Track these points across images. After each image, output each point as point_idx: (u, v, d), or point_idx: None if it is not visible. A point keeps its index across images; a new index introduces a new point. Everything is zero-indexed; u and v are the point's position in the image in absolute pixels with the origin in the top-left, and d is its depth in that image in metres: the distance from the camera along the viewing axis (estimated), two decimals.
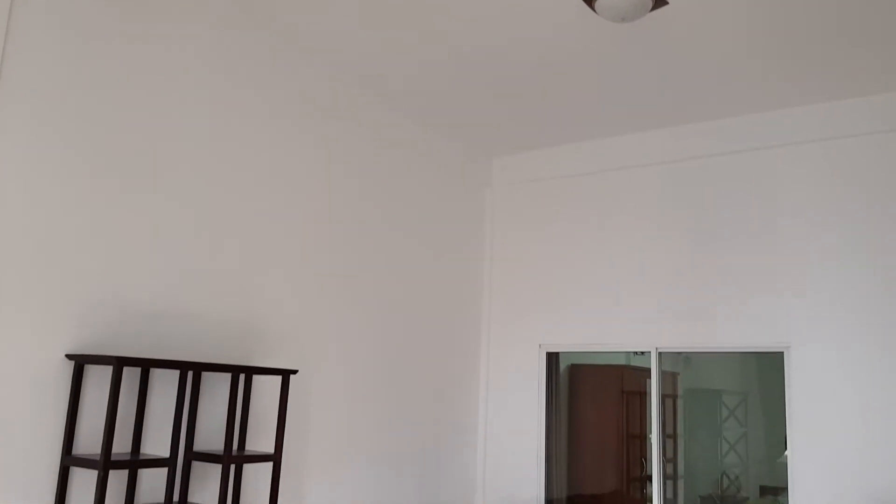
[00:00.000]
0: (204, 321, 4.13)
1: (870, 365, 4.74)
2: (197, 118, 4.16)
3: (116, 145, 3.76)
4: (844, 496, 4.69)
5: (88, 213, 3.62)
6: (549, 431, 6.03)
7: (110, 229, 3.71)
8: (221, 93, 4.31)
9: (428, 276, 5.78)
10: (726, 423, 6.63)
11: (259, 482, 4.34)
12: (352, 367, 5.05)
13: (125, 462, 3.39)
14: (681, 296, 5.48)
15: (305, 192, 4.81)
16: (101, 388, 3.61)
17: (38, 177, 3.44)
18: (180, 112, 4.08)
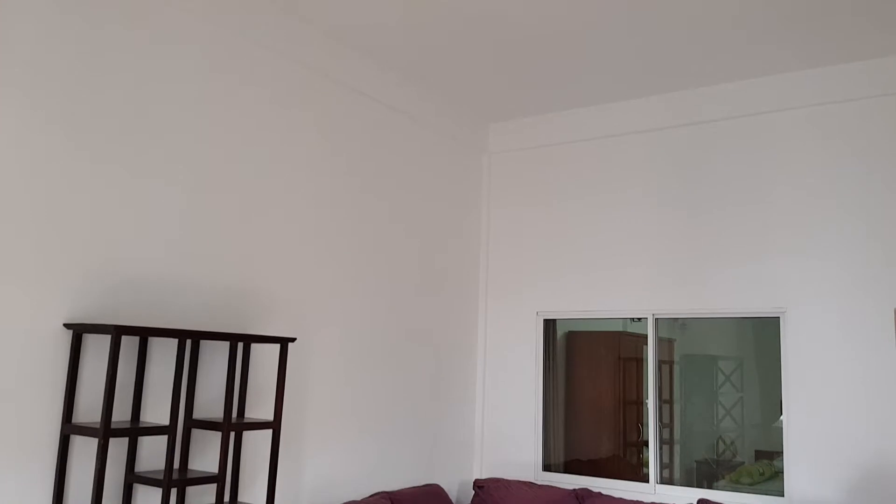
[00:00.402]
0: (202, 290, 4.13)
1: (865, 330, 4.76)
2: (193, 86, 4.12)
3: (111, 114, 3.73)
4: (839, 460, 4.74)
5: (85, 182, 3.60)
6: (546, 398, 6.08)
7: (107, 198, 3.69)
8: (217, 59, 4.26)
9: (425, 244, 5.78)
10: (722, 389, 6.67)
11: (258, 450, 4.38)
12: (350, 335, 5.06)
13: (125, 430, 3.41)
14: (677, 262, 5.49)
15: (302, 159, 4.79)
16: (99, 356, 3.61)
17: (34, 148, 3.42)
18: (175, 79, 4.03)
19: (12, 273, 3.32)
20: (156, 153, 3.94)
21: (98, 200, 3.66)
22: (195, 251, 4.11)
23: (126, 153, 3.79)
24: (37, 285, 3.41)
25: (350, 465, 4.99)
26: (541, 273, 6.08)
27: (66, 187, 3.54)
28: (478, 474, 6.08)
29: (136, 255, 3.81)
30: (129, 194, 3.79)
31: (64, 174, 3.53)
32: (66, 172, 3.54)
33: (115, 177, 3.74)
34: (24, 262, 3.37)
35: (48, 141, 3.48)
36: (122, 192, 3.76)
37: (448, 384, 5.92)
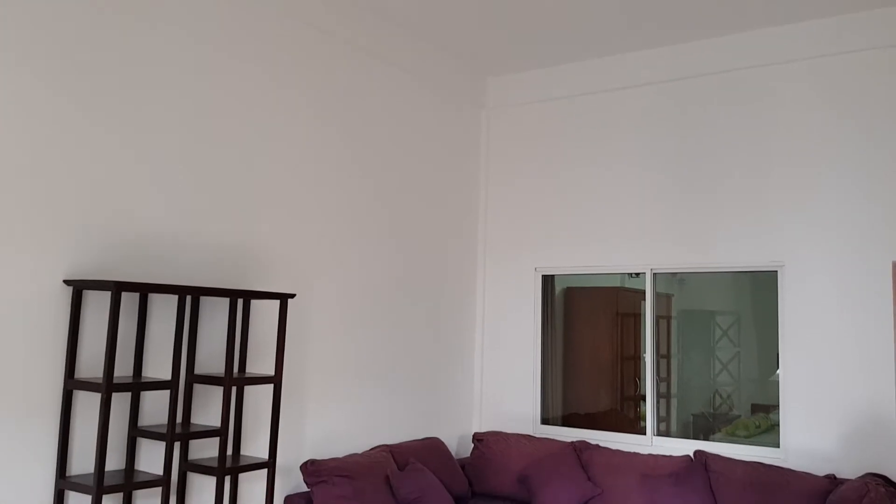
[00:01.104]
0: (202, 246, 4.12)
1: (862, 284, 4.78)
2: (191, 42, 4.07)
3: (109, 70, 3.68)
4: (834, 412, 4.80)
5: (84, 139, 3.58)
6: (544, 353, 6.12)
7: (106, 154, 3.67)
8: (211, 16, 4.20)
9: (424, 200, 5.77)
10: (719, 344, 6.72)
11: (260, 405, 4.42)
12: (349, 292, 5.08)
13: (127, 384, 3.44)
14: (676, 217, 5.49)
15: (300, 116, 4.75)
16: (100, 313, 3.63)
17: (32, 104, 3.38)
18: (173, 36, 3.98)
19: (11, 230, 3.32)
20: (155, 109, 3.90)
21: (97, 157, 3.64)
22: (195, 208, 4.10)
23: (125, 109, 3.76)
24: (36, 242, 3.41)
25: (351, 420, 5.05)
26: (539, 229, 6.08)
27: (65, 143, 3.51)
28: (477, 428, 6.15)
29: (135, 211, 3.80)
30: (128, 151, 3.77)
31: (62, 131, 3.50)
32: (64, 129, 3.51)
33: (113, 133, 3.71)
34: (23, 219, 3.36)
35: (46, 97, 3.44)
36: (121, 148, 3.74)
37: (447, 340, 5.96)
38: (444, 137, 6.03)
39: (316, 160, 4.87)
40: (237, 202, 4.34)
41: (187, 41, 4.08)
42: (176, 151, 4.02)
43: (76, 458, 3.53)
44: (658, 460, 5.03)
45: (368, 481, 4.49)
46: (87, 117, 3.61)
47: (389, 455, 4.85)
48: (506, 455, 5.41)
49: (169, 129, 3.98)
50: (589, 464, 5.18)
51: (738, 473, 4.63)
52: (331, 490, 4.33)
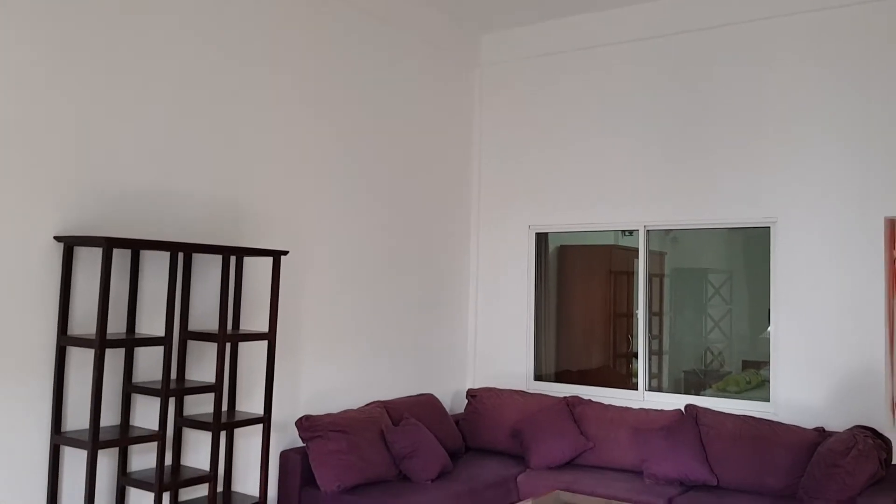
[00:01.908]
0: (195, 203, 4.10)
1: (854, 240, 4.79)
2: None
3: (100, 24, 3.62)
4: (824, 367, 4.84)
5: (74, 92, 3.53)
6: (538, 310, 6.14)
7: (97, 109, 3.62)
8: None
9: (418, 159, 5.73)
10: (711, 301, 6.76)
11: (254, 362, 4.43)
12: (343, 249, 5.07)
13: (120, 340, 3.44)
14: (669, 173, 5.47)
15: (293, 73, 4.69)
16: (92, 269, 3.62)
17: (21, 61, 3.33)
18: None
19: (0, 186, 3.29)
20: (147, 65, 3.84)
21: (88, 111, 3.59)
22: (187, 164, 4.06)
23: (116, 64, 3.70)
24: (26, 198, 3.38)
25: (345, 377, 5.07)
26: (533, 187, 6.06)
27: (55, 98, 3.46)
28: (471, 385, 6.20)
29: (126, 167, 3.77)
30: (119, 106, 3.72)
31: (52, 85, 3.45)
32: (54, 83, 3.46)
33: (104, 88, 3.66)
34: (12, 174, 3.33)
35: (34, 53, 3.39)
36: (112, 103, 3.69)
37: (441, 297, 5.97)
38: (438, 95, 5.97)
39: (309, 118, 4.82)
40: (229, 159, 4.30)
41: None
42: (168, 107, 3.97)
43: (71, 415, 3.54)
44: (649, 414, 5.08)
45: (363, 436, 4.53)
46: (77, 71, 3.55)
47: (384, 411, 4.89)
48: (499, 410, 5.46)
49: (162, 84, 3.93)
50: (581, 418, 5.24)
51: (729, 427, 4.68)
52: (326, 444, 4.36)
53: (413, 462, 4.57)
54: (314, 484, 4.42)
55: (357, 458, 4.40)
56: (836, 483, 3.97)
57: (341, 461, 4.34)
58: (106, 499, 3.69)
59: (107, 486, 3.69)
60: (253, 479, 4.37)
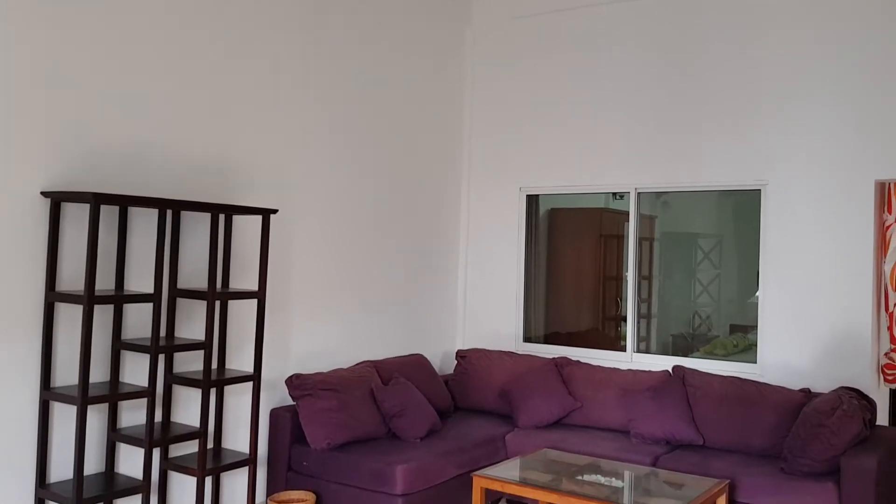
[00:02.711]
0: (183, 161, 4.05)
1: (844, 202, 4.80)
2: None
3: None
4: (811, 330, 4.88)
5: (61, 47, 3.46)
6: (528, 272, 6.15)
7: (84, 63, 3.56)
8: None
9: (408, 119, 5.68)
10: (700, 266, 6.79)
11: (244, 321, 4.42)
12: (333, 209, 5.04)
13: (109, 297, 3.42)
14: (661, 136, 5.45)
15: (282, 31, 4.61)
16: (79, 225, 3.58)
17: (3, 14, 3.26)
18: None
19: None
20: (133, 19, 3.77)
21: (75, 65, 3.53)
22: (175, 121, 4.01)
23: (103, 18, 3.62)
24: (11, 152, 3.34)
25: (335, 336, 5.08)
26: (524, 149, 6.03)
27: (42, 53, 3.40)
28: (460, 346, 6.22)
29: (114, 123, 3.72)
30: (107, 60, 3.66)
31: (39, 39, 3.38)
32: (41, 38, 3.39)
33: (92, 41, 3.59)
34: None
35: (19, 9, 3.31)
36: (100, 57, 3.62)
37: (432, 258, 5.96)
38: (429, 54, 5.90)
39: (298, 76, 4.75)
40: (218, 116, 4.25)
41: None
42: (156, 62, 3.90)
43: (60, 371, 3.53)
44: (637, 375, 5.12)
45: (353, 395, 4.55)
46: (63, 26, 3.48)
47: (374, 370, 4.91)
48: (488, 371, 5.49)
49: (149, 39, 3.86)
50: (570, 379, 5.27)
51: (715, 387, 4.73)
52: (316, 403, 4.38)
53: (402, 420, 4.60)
54: (304, 441, 4.45)
55: (347, 416, 4.43)
56: (821, 442, 4.02)
57: (331, 419, 4.36)
58: (96, 455, 3.70)
59: (97, 443, 3.70)
60: (243, 436, 4.39)
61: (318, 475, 4.35)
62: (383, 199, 5.47)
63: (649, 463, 4.40)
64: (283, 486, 4.45)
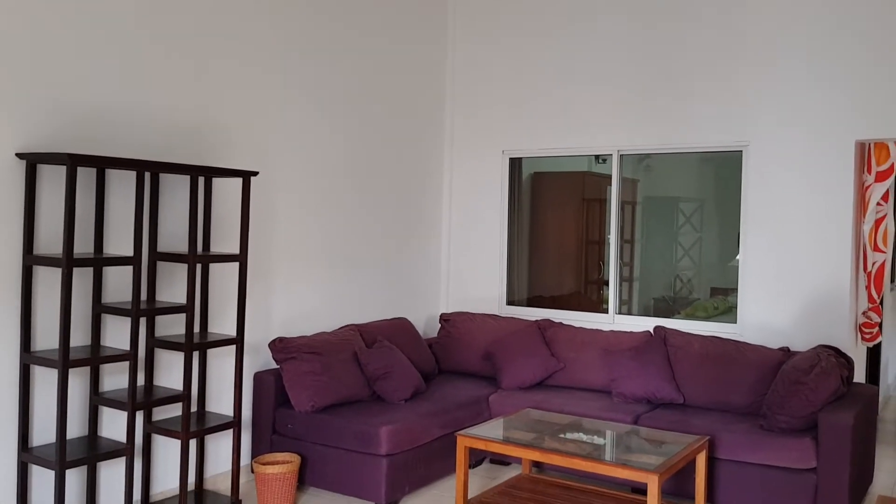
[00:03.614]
0: (161, 122, 3.99)
1: (825, 163, 4.82)
2: None
3: None
4: (791, 290, 4.93)
5: (36, 6, 3.38)
6: (511, 236, 6.15)
7: (60, 23, 3.48)
8: None
9: (389, 81, 5.62)
10: (682, 230, 6.82)
11: (226, 285, 4.40)
12: (314, 172, 5.00)
13: (88, 259, 3.39)
14: (643, 97, 5.43)
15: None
16: (56, 188, 3.53)
17: None
18: None
19: None
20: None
21: (50, 25, 3.45)
22: (153, 81, 3.94)
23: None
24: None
25: (318, 300, 5.07)
26: (507, 111, 5.99)
27: (17, 10, 3.31)
28: (444, 309, 6.24)
29: (91, 84, 3.65)
30: (83, 19, 3.58)
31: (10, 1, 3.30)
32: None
33: (67, 2, 3.51)
34: None
35: None
36: (76, 15, 3.54)
37: (414, 222, 5.95)
38: (411, 15, 5.82)
39: (278, 39, 4.68)
40: (197, 76, 4.18)
41: None
42: (134, 21, 3.82)
43: (40, 334, 3.51)
44: (619, 336, 5.16)
45: (337, 357, 4.55)
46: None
47: (357, 333, 4.91)
48: (472, 334, 5.51)
49: (127, 1, 3.78)
50: (552, 340, 5.30)
51: (696, 347, 4.78)
52: (299, 366, 4.39)
53: (386, 383, 4.62)
54: (288, 405, 4.46)
55: (331, 378, 4.44)
56: (800, 399, 4.08)
57: (315, 382, 4.37)
58: (79, 419, 3.69)
59: (79, 406, 3.68)
60: (227, 400, 4.40)
61: (303, 437, 4.37)
62: (366, 162, 5.43)
63: (630, 421, 4.46)
64: (268, 449, 4.47)
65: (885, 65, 4.64)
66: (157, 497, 4.04)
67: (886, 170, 4.91)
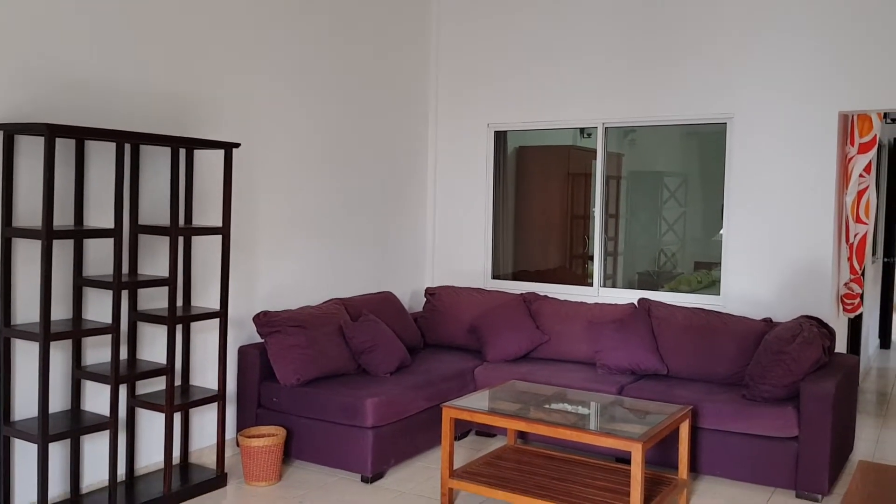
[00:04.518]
0: (141, 93, 3.94)
1: (809, 134, 4.83)
2: None
3: None
4: (774, 262, 4.95)
5: None
6: (496, 210, 6.14)
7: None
8: None
9: (374, 53, 5.56)
10: (666, 204, 6.84)
11: (209, 259, 4.37)
12: (298, 145, 4.96)
13: (68, 231, 3.35)
14: (628, 70, 5.41)
15: None
16: (35, 160, 3.48)
17: None
18: None
19: None
20: None
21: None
22: (134, 51, 3.88)
23: None
24: None
25: (303, 274, 5.05)
26: (492, 85, 5.95)
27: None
28: (429, 283, 6.24)
29: (70, 53, 3.58)
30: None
31: None
32: None
33: None
34: None
35: None
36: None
37: (399, 196, 5.92)
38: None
39: (262, 7, 4.61)
40: (178, 47, 4.12)
41: None
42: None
43: (21, 308, 3.47)
44: (604, 308, 5.18)
45: (322, 331, 4.54)
46: None
47: (342, 307, 4.90)
48: (457, 307, 5.51)
49: None
50: (538, 313, 5.32)
51: (679, 318, 4.80)
52: (284, 339, 4.37)
53: (372, 356, 4.62)
54: (273, 378, 4.45)
55: (316, 352, 4.43)
56: (782, 368, 4.12)
57: (300, 355, 4.36)
58: (61, 393, 3.66)
59: (61, 381, 3.66)
60: (211, 374, 4.38)
61: (288, 411, 4.37)
62: (350, 135, 5.39)
63: (615, 392, 4.48)
64: (253, 422, 4.46)
65: (868, 36, 4.65)
66: (141, 471, 4.03)
67: (869, 141, 4.93)
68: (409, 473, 4.33)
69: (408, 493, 4.05)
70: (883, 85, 4.60)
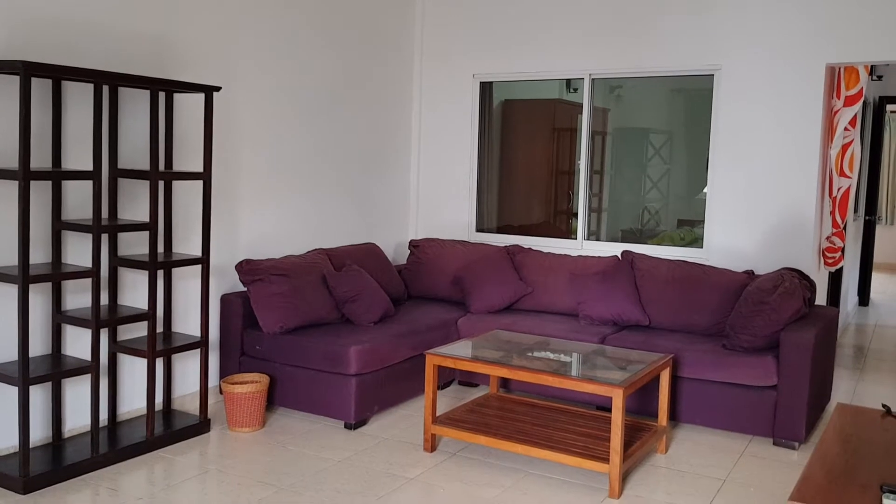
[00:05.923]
0: (120, 34, 3.85)
1: (795, 86, 4.81)
2: None
3: None
4: (757, 214, 4.97)
5: None
6: (481, 164, 6.10)
7: None
8: None
9: (359, 2, 5.46)
10: (651, 161, 6.82)
11: (190, 206, 4.32)
12: (281, 92, 4.88)
13: (46, 173, 3.29)
14: (615, 20, 5.35)
15: None
16: (10, 100, 3.40)
17: None
18: None
19: None
20: None
21: None
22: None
23: None
24: None
25: (286, 224, 5.01)
26: (478, 35, 5.87)
27: None
28: (413, 236, 6.21)
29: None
30: None
31: None
32: None
33: None
34: None
35: None
36: None
37: (384, 147, 5.86)
38: None
39: None
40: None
41: None
42: None
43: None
44: (587, 261, 5.19)
45: (305, 280, 4.52)
46: None
47: (326, 258, 4.88)
48: (441, 259, 5.51)
49: None
50: (521, 265, 5.32)
51: (662, 270, 4.82)
52: (267, 287, 4.35)
53: (355, 306, 4.61)
54: (256, 326, 4.44)
55: (299, 300, 4.41)
56: (763, 318, 4.15)
57: (284, 303, 4.34)
58: (41, 337, 3.63)
59: (42, 325, 3.62)
60: (193, 320, 4.36)
61: (272, 358, 4.37)
62: (333, 83, 5.31)
63: (597, 342, 4.51)
64: (237, 370, 4.46)
65: None
66: (124, 416, 4.03)
67: (855, 94, 4.92)
68: (392, 421, 4.36)
69: (391, 438, 4.08)
70: (871, 37, 4.58)
